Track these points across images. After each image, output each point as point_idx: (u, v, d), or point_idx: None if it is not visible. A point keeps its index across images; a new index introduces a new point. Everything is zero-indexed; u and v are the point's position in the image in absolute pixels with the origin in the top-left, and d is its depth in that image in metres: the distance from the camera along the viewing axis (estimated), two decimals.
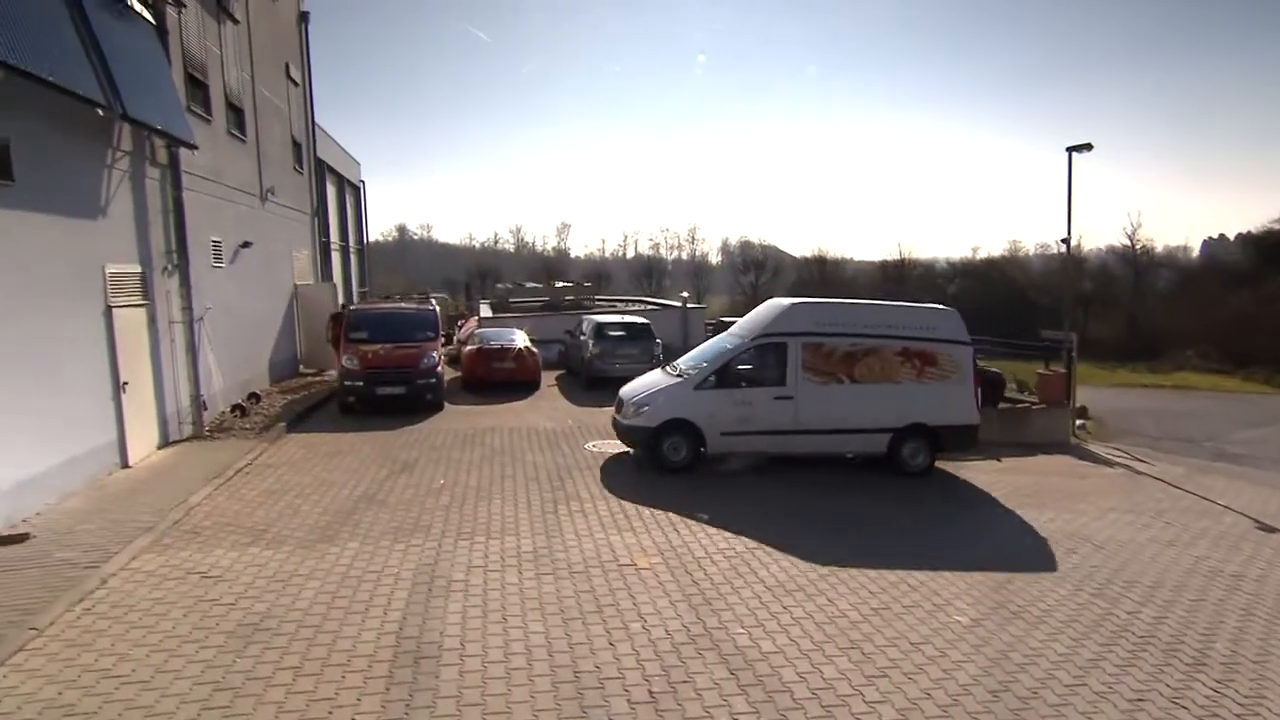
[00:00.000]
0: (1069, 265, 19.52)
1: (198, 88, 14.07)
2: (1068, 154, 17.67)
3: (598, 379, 18.31)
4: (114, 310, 10.38)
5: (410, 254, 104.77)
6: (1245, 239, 58.14)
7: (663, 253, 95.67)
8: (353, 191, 31.40)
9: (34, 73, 7.96)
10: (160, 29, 12.24)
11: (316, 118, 23.56)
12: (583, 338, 19.67)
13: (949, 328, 11.58)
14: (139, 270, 11.29)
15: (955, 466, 12.34)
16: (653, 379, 12.30)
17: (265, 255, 17.64)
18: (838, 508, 9.77)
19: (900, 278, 65.40)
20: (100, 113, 9.57)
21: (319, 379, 19.39)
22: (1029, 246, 73.90)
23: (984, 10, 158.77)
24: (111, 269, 10.41)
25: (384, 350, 15.38)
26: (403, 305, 17.36)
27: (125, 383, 10.54)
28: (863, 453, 11.69)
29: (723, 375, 11.22)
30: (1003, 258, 79.01)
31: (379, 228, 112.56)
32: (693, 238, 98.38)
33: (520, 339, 19.12)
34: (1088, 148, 17.43)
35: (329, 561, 7.37)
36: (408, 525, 8.50)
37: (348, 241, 30.08)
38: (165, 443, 11.89)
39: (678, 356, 13.46)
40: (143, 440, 11.13)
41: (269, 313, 18.23)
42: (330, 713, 4.83)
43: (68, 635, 5.79)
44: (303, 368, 20.71)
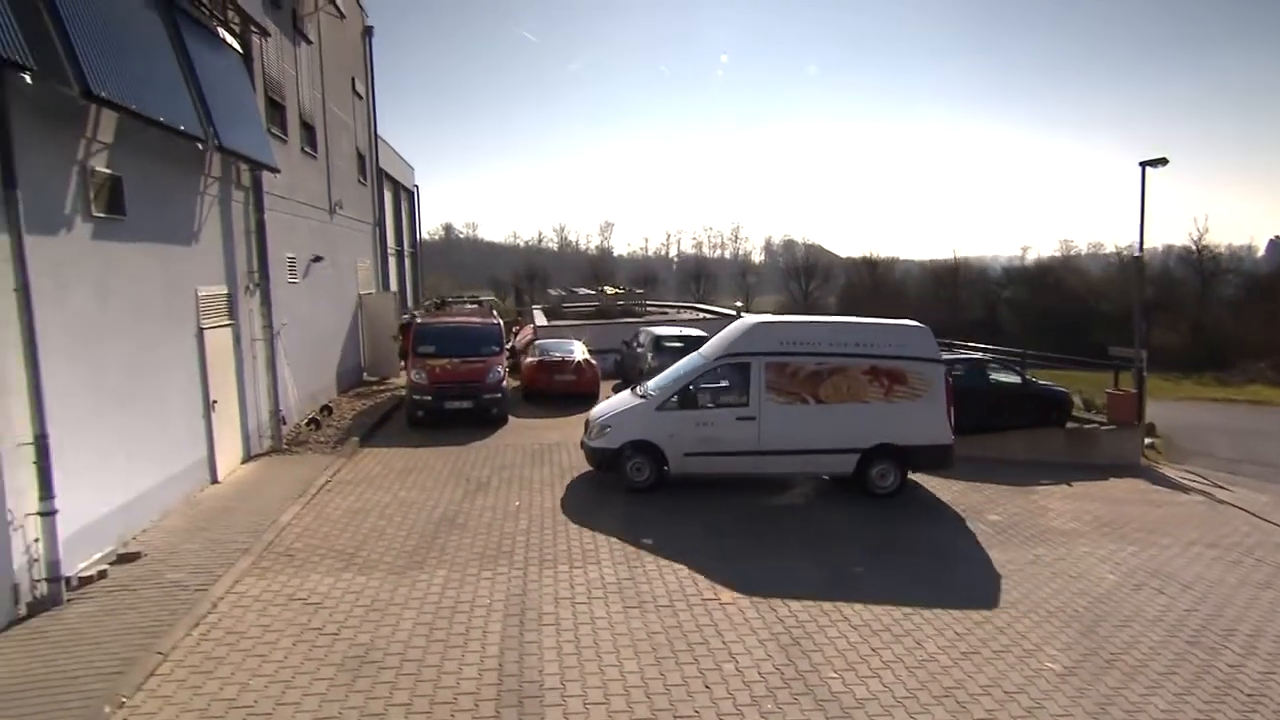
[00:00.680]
0: (1139, 281, 18.89)
1: (276, 109, 14.54)
2: (1141, 168, 17.17)
3: None
4: (205, 331, 10.82)
5: (456, 253, 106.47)
6: None
7: (705, 251, 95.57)
8: (407, 196, 32.06)
9: (146, 115, 8.35)
10: (246, 56, 12.69)
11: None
12: (640, 349, 19.84)
13: (920, 345, 11.28)
14: (226, 291, 11.74)
15: (1026, 490, 12.15)
16: (620, 400, 12.28)
17: (333, 267, 18.15)
18: (914, 539, 9.71)
19: (954, 283, 64.02)
20: (199, 146, 9.99)
21: (382, 387, 19.89)
22: (1081, 246, 71.95)
23: (1029, 7, 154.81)
24: (203, 291, 10.85)
25: (451, 365, 15.71)
26: (470, 320, 17.61)
27: (215, 400, 10.98)
28: (830, 473, 11.59)
29: (684, 396, 11.16)
30: (1055, 259, 77.11)
31: (425, 227, 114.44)
32: (736, 236, 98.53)
33: (579, 351, 19.34)
34: (1163, 162, 16.90)
35: (420, 589, 7.61)
36: (490, 551, 8.71)
37: (402, 246, 30.75)
38: (247, 457, 12.35)
39: None
40: (229, 456, 11.58)
41: (337, 324, 18.77)
42: None
43: (190, 661, 6.10)
44: (366, 375, 21.28)
